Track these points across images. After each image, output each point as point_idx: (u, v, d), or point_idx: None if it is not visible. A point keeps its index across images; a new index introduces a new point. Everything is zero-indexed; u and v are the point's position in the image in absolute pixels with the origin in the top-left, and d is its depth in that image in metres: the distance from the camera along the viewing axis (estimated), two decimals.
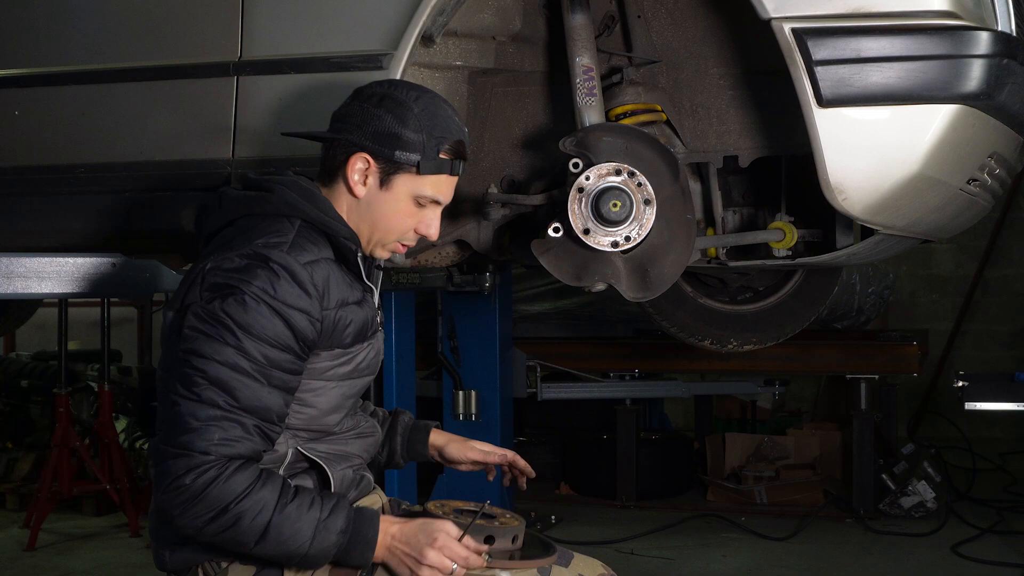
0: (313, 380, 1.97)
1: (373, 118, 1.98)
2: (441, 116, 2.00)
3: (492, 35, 2.64)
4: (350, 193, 2.01)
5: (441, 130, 1.99)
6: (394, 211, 2.02)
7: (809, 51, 2.24)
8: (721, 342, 3.30)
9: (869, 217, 2.40)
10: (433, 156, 1.98)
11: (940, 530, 5.46)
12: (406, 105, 1.98)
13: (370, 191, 2.00)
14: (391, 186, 2.00)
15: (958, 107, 2.27)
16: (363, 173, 2.00)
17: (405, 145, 1.97)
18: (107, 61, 2.66)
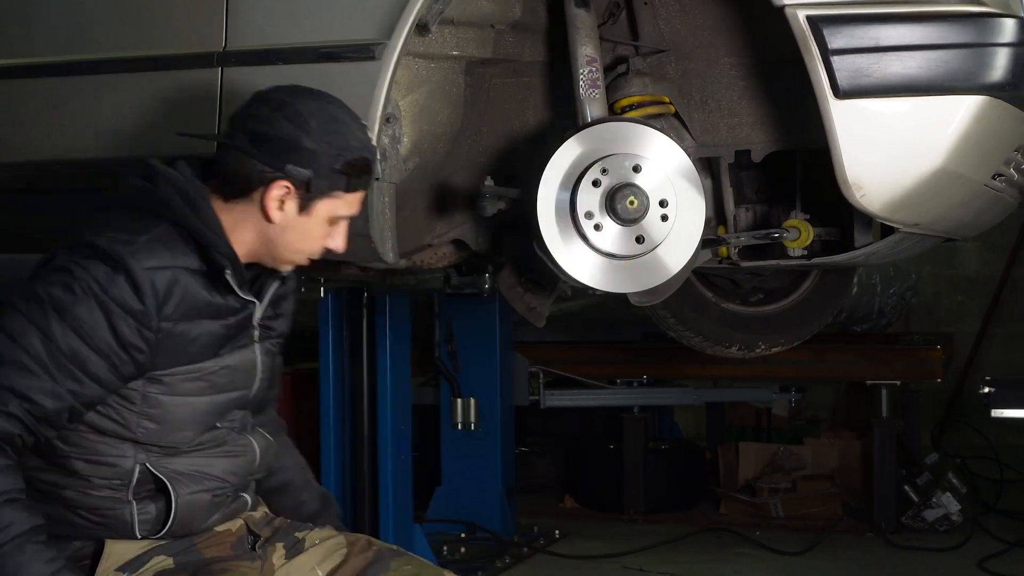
0: (158, 395, 1.96)
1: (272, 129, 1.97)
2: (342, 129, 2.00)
3: (490, 23, 2.64)
4: (264, 218, 2.01)
5: (340, 144, 1.99)
6: (309, 234, 2.04)
7: (825, 40, 2.25)
8: (749, 346, 3.30)
9: (889, 214, 2.41)
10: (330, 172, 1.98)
11: (966, 544, 5.46)
12: (303, 116, 1.97)
13: (287, 216, 2.01)
14: (311, 211, 2.01)
15: (983, 98, 2.27)
16: (280, 200, 2.00)
17: (300, 161, 1.97)
18: (82, 52, 2.66)
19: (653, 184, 2.40)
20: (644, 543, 5.56)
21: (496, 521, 5.56)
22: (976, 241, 8.36)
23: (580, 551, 5.46)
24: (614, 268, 2.42)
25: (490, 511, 5.58)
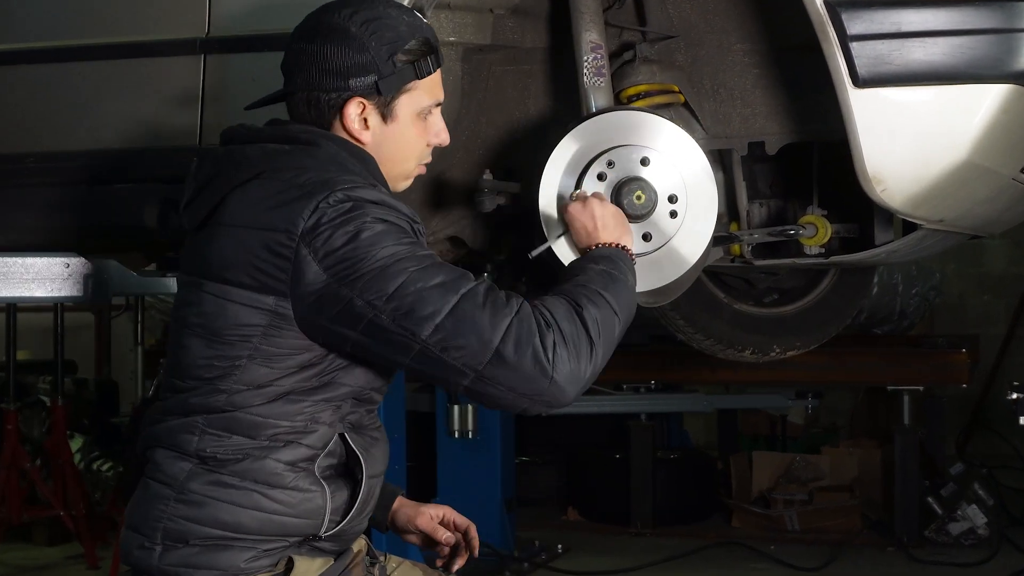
0: None
1: (320, 58, 1.99)
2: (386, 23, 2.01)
3: (489, 8, 2.64)
4: (358, 143, 2.03)
5: (390, 37, 2.00)
6: (406, 139, 2.06)
7: (844, 25, 2.25)
8: (763, 349, 3.30)
9: (911, 210, 2.41)
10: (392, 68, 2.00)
11: (992, 560, 5.46)
12: (346, 29, 1.99)
13: (375, 132, 2.03)
14: (395, 115, 2.03)
15: (1010, 87, 2.27)
16: (362, 119, 2.02)
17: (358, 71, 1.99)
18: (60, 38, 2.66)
19: (662, 178, 2.40)
20: (652, 558, 5.57)
21: (495, 535, 5.56)
22: (1004, 238, 8.37)
23: (584, 567, 5.46)
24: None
25: (489, 524, 5.58)
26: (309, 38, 2.01)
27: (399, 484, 4.73)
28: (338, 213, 1.86)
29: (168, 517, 1.93)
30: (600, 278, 2.00)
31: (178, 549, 1.93)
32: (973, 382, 6.39)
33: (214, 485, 1.92)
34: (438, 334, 1.83)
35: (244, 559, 1.94)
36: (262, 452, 1.93)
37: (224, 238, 1.94)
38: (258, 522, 1.93)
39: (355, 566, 2.08)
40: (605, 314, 1.94)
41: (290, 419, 1.94)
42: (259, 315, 1.90)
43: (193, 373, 1.97)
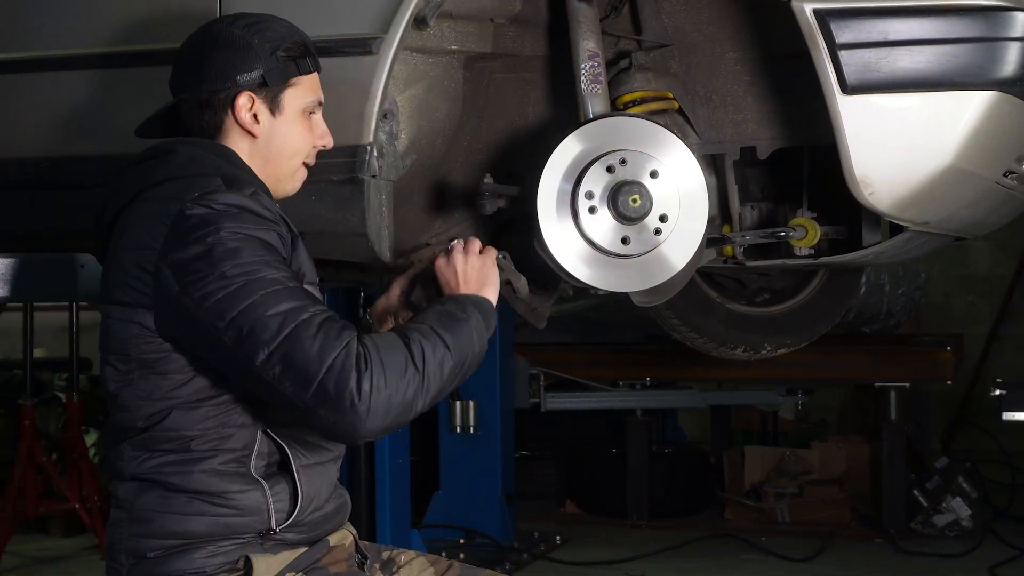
0: None
1: (207, 62, 2.04)
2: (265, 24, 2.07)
3: (490, 17, 2.64)
4: (249, 136, 2.06)
5: (271, 36, 2.06)
6: (293, 132, 2.09)
7: (832, 34, 2.25)
8: (755, 348, 3.30)
9: (898, 213, 2.41)
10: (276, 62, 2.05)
11: (976, 550, 5.46)
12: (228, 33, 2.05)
13: (264, 125, 2.06)
14: (282, 108, 2.07)
15: (994, 94, 2.27)
16: (251, 112, 2.05)
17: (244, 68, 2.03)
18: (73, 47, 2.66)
19: (662, 196, 2.39)
20: (647, 549, 5.57)
21: (495, 527, 5.56)
22: (987, 240, 8.37)
23: (582, 557, 5.46)
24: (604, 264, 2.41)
25: (489, 516, 5.58)
26: (195, 48, 2.07)
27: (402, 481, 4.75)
28: (193, 224, 1.87)
29: (127, 537, 1.97)
30: (439, 317, 1.96)
31: (140, 564, 1.96)
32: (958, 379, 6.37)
33: (159, 499, 1.94)
34: (269, 361, 1.81)
35: (201, 556, 1.94)
36: (188, 466, 1.93)
37: (110, 261, 1.99)
38: (205, 526, 1.93)
39: (333, 562, 2.05)
40: (435, 349, 1.89)
41: (200, 427, 1.94)
42: (132, 328, 1.93)
43: (111, 398, 2.00)
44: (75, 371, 5.90)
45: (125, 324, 1.94)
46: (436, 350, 1.89)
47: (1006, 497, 6.31)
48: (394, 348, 1.85)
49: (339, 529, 2.10)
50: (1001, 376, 5.41)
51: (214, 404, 1.93)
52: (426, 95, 2.57)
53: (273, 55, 2.04)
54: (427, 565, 2.23)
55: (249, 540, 1.96)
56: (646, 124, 2.45)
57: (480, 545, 5.41)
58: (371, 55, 2.38)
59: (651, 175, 2.39)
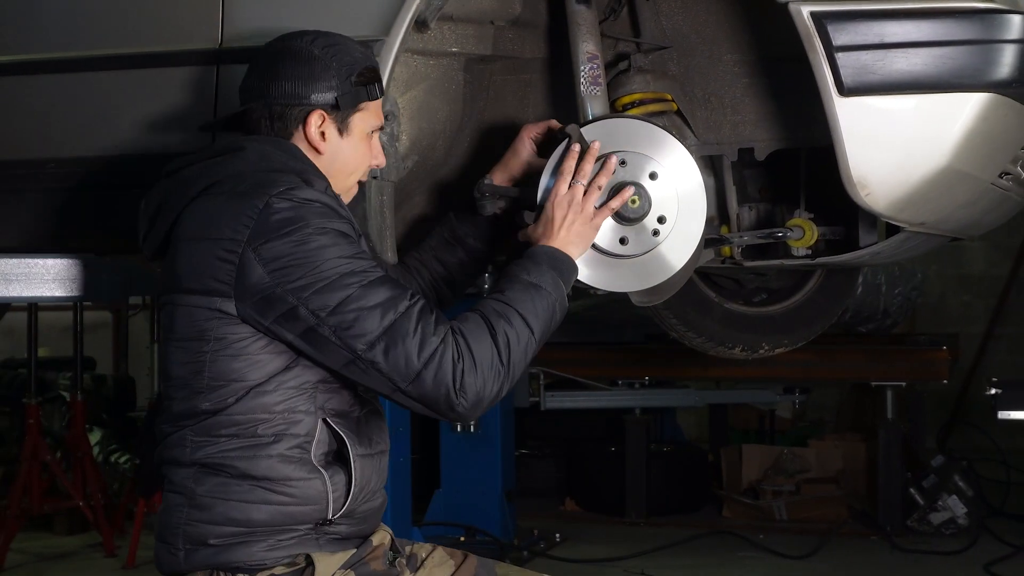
0: None
1: (286, 76, 2.10)
2: (343, 48, 2.14)
3: (490, 19, 2.64)
4: (314, 151, 2.13)
5: (348, 60, 2.13)
6: (356, 152, 2.16)
7: (829, 36, 2.24)
8: (752, 347, 3.30)
9: (894, 213, 2.40)
10: (350, 87, 2.12)
11: (972, 548, 5.47)
12: (309, 51, 2.11)
13: (331, 143, 2.13)
14: (350, 129, 2.15)
15: (989, 95, 2.27)
16: (321, 130, 2.12)
17: (321, 87, 2.10)
18: (80, 49, 2.66)
19: (661, 197, 2.39)
20: (646, 547, 5.57)
21: (495, 524, 5.56)
22: (983, 240, 8.37)
23: (581, 555, 5.46)
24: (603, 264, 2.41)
25: (489, 514, 5.59)
26: (274, 60, 2.12)
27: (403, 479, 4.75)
28: (282, 219, 1.94)
29: (186, 522, 1.99)
30: (525, 295, 2.06)
31: (199, 551, 1.98)
32: (953, 378, 6.39)
33: (221, 486, 1.97)
34: (371, 351, 1.92)
35: (261, 549, 1.97)
36: (254, 451, 1.97)
37: (180, 254, 2.02)
38: (267, 514, 1.97)
39: (373, 559, 2.09)
40: (519, 337, 2.01)
41: (268, 413, 1.98)
42: (208, 313, 1.97)
43: (174, 382, 2.03)
44: (79, 370, 5.91)
45: (200, 311, 1.98)
46: (521, 338, 2.01)
47: (1001, 495, 6.32)
48: (483, 341, 1.96)
49: (379, 529, 2.15)
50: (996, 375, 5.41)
51: (284, 389, 1.99)
52: (427, 97, 2.57)
53: (348, 79, 2.12)
54: (447, 557, 2.26)
55: (305, 533, 2.00)
56: (645, 126, 2.45)
57: (480, 542, 5.42)
58: None
59: (650, 176, 2.38)
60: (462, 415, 1.96)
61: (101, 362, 7.83)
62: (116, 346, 8.28)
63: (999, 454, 6.71)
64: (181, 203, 2.05)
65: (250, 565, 1.97)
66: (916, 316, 7.90)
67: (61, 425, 6.29)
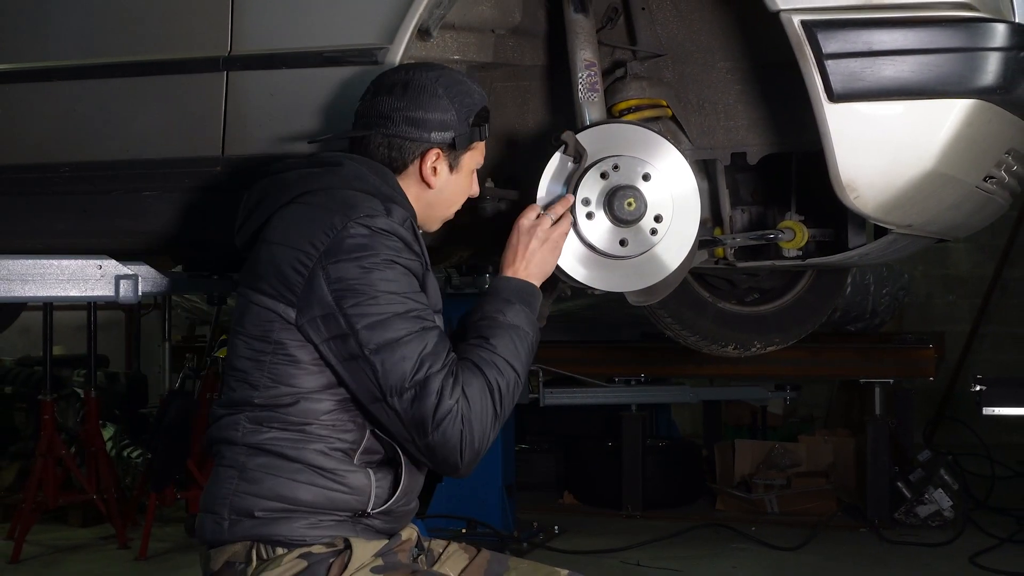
0: None
1: (407, 109, 2.13)
2: (464, 89, 2.17)
3: (491, 28, 2.64)
4: (424, 184, 2.17)
5: (468, 102, 2.17)
6: (460, 187, 2.23)
7: (819, 44, 2.24)
8: (745, 346, 3.30)
9: (882, 216, 2.40)
10: (466, 128, 2.17)
11: (957, 540, 5.47)
12: (434, 89, 2.14)
13: (441, 178, 2.18)
14: (460, 167, 2.20)
15: (974, 102, 2.27)
16: (434, 167, 2.16)
17: (441, 126, 2.14)
18: (93, 56, 2.66)
19: (656, 198, 2.39)
20: (642, 539, 5.57)
21: (496, 517, 5.56)
22: (967, 242, 8.38)
23: (579, 546, 5.46)
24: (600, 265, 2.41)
25: (490, 507, 5.59)
26: (399, 92, 2.14)
27: None
28: (356, 244, 1.96)
29: (234, 493, 2.01)
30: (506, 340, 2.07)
31: (243, 522, 2.01)
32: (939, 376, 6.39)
33: (271, 464, 2.00)
34: (399, 399, 1.94)
35: (302, 526, 2.00)
36: (301, 444, 2.00)
37: (263, 252, 2.04)
38: (312, 495, 2.00)
39: (402, 551, 2.12)
40: (508, 379, 2.04)
41: (317, 420, 2.01)
42: (272, 316, 1.99)
43: (235, 371, 2.06)
44: (92, 368, 5.90)
45: (266, 311, 2.00)
46: (510, 384, 2.04)
47: (986, 488, 6.31)
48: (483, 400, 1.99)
49: (407, 526, 2.18)
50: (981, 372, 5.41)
51: (338, 400, 2.01)
52: None
53: (466, 121, 2.16)
54: (462, 552, 2.28)
55: (344, 519, 2.03)
56: (640, 131, 2.45)
57: (481, 535, 5.41)
58: (377, 64, 2.37)
59: (644, 179, 2.38)
60: (461, 472, 2.00)
61: (114, 360, 7.83)
62: (129, 344, 8.28)
63: (984, 449, 6.71)
64: (275, 205, 2.08)
65: (291, 540, 1.99)
66: (903, 315, 7.90)
67: (75, 421, 6.29)
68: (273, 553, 1.99)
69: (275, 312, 1.99)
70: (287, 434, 2.00)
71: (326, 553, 2.00)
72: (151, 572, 5.22)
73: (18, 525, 5.47)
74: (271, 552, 1.99)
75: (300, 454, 1.99)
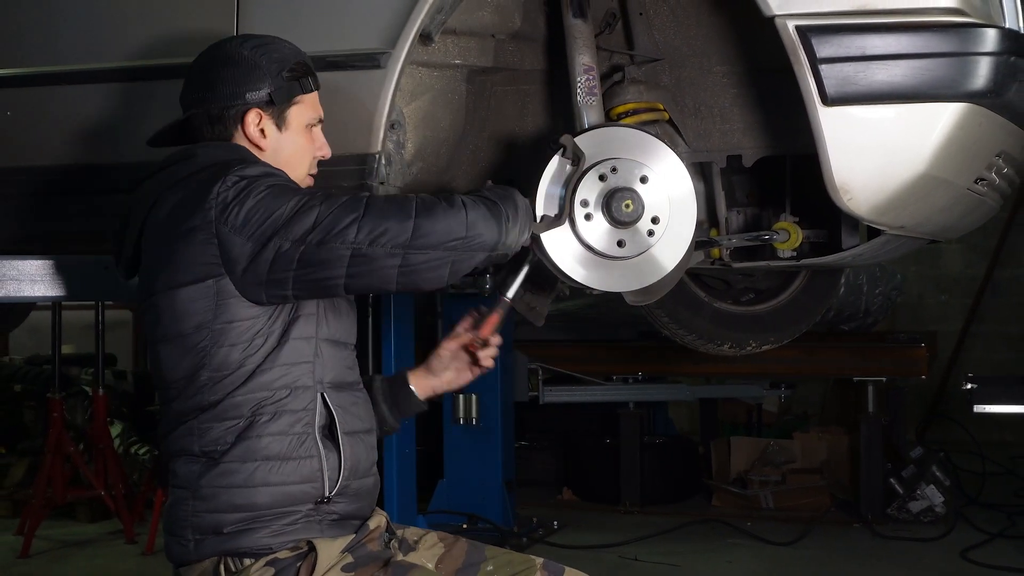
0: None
1: (218, 80, 2.09)
2: (273, 47, 2.13)
3: (491, 33, 2.64)
4: (256, 148, 2.12)
5: (277, 57, 2.12)
6: (297, 145, 2.15)
7: (813, 49, 2.24)
8: (740, 345, 3.30)
9: (875, 217, 2.40)
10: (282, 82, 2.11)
11: (949, 535, 5.46)
12: (238, 53, 2.11)
13: (271, 138, 2.13)
14: (288, 123, 2.14)
15: (965, 105, 2.27)
16: (259, 127, 2.11)
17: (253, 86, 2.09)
18: (101, 61, 2.66)
19: (653, 199, 2.38)
20: (639, 534, 5.57)
21: (496, 512, 5.56)
22: (959, 243, 8.37)
23: (577, 541, 5.46)
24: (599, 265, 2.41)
25: (490, 503, 5.58)
26: (207, 67, 2.12)
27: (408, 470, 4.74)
28: (239, 190, 1.95)
29: (192, 514, 1.99)
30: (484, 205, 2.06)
31: (207, 540, 1.99)
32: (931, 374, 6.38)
33: (221, 476, 1.97)
34: (363, 231, 1.93)
35: (266, 536, 1.98)
36: (252, 431, 1.97)
37: (157, 258, 2.01)
38: (269, 496, 1.97)
39: (370, 540, 2.09)
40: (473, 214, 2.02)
41: (268, 391, 1.99)
42: (205, 300, 1.97)
43: (172, 380, 2.02)
44: (100, 366, 5.90)
45: (195, 301, 1.97)
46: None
47: (977, 485, 6.31)
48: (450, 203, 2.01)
49: (375, 513, 2.15)
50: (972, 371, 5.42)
51: (281, 366, 1.99)
52: (431, 106, 2.57)
53: (279, 75, 2.10)
54: (436, 541, 2.25)
55: (307, 515, 2.00)
56: (638, 134, 2.45)
57: (482, 530, 5.41)
58: (379, 69, 2.38)
59: (642, 181, 2.38)
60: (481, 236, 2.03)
61: (121, 358, 7.83)
62: (136, 343, 8.28)
63: (975, 446, 6.70)
64: (142, 215, 2.06)
65: (256, 550, 1.98)
66: (896, 315, 7.90)
67: (84, 418, 6.29)
68: (241, 565, 1.98)
69: (203, 295, 1.96)
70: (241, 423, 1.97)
71: (291, 558, 1.98)
72: (157, 566, 5.22)
73: (28, 520, 5.47)
74: (239, 564, 1.98)
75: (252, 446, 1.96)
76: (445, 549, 2.23)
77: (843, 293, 6.00)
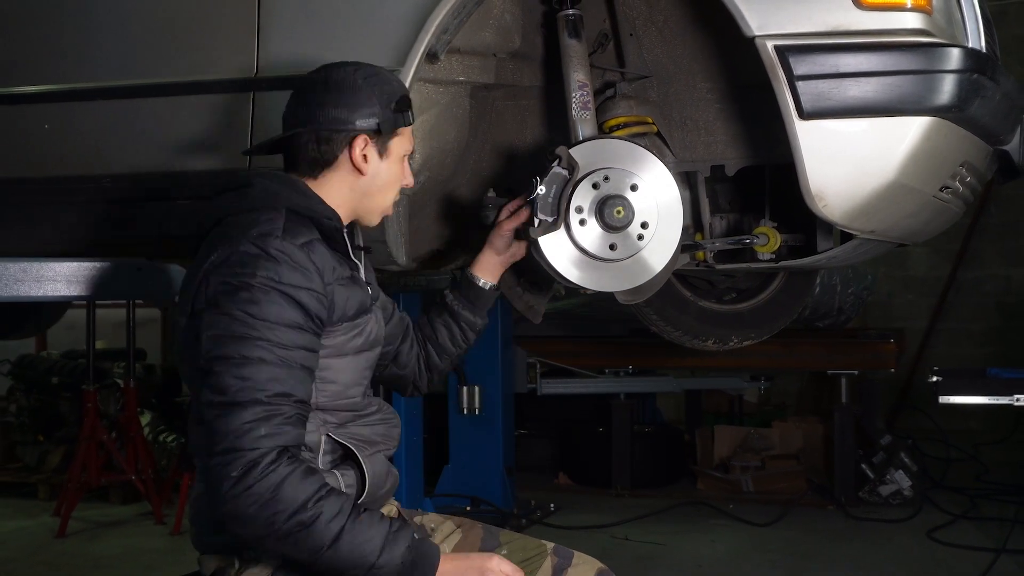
0: (333, 358, 1.97)
1: (331, 104, 2.03)
2: (382, 78, 2.08)
3: (493, 52, 2.64)
4: (357, 172, 2.05)
5: (388, 90, 2.07)
6: (392, 174, 2.10)
7: (791, 67, 2.24)
8: (723, 340, 3.29)
9: (848, 222, 2.40)
10: (390, 114, 2.06)
11: (916, 516, 5.46)
12: (353, 81, 2.05)
13: (372, 165, 2.06)
14: (389, 152, 2.08)
15: (931, 119, 2.27)
16: (364, 153, 2.05)
17: (365, 114, 2.04)
18: (131, 77, 2.66)
19: (643, 206, 2.39)
20: (630, 515, 5.57)
21: (497, 496, 5.56)
22: (925, 246, 8.36)
23: (572, 522, 5.46)
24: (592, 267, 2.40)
25: (492, 487, 5.58)
26: (320, 89, 2.05)
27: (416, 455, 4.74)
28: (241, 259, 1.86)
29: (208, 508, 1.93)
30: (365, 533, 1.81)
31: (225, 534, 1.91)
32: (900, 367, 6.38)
33: None
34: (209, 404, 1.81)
35: None
36: None
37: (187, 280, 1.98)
38: None
39: None
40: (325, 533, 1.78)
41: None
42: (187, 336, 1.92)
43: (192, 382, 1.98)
44: (131, 360, 5.90)
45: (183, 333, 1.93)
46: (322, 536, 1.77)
47: (942, 470, 6.31)
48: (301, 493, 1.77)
49: (387, 503, 2.13)
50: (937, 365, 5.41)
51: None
52: (437, 120, 2.56)
53: (388, 107, 2.05)
54: (454, 528, 2.23)
55: None
56: (628, 145, 2.45)
57: (484, 512, 5.41)
58: None
59: (632, 189, 2.38)
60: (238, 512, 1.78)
61: (151, 353, 7.82)
62: (164, 339, 8.28)
63: (940, 434, 6.71)
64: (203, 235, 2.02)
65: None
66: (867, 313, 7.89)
67: (116, 409, 6.29)
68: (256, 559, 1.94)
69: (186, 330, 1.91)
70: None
71: None
72: (184, 545, 5.21)
73: (64, 503, 5.48)
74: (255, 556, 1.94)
75: None
76: (463, 536, 2.21)
77: (818, 293, 5.99)
